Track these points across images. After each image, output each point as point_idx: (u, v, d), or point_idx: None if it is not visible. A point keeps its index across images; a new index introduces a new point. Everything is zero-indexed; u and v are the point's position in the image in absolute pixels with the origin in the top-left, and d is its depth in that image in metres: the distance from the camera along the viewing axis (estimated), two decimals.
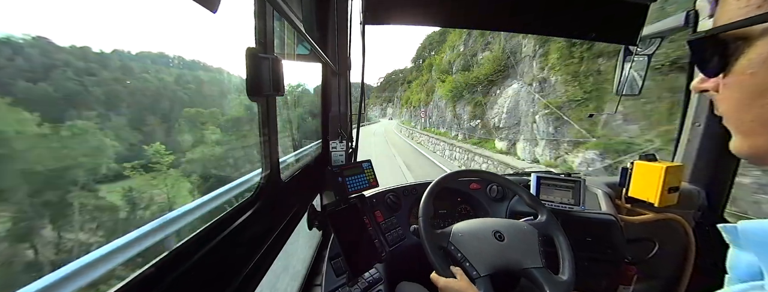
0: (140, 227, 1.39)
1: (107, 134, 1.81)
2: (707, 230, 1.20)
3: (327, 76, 1.25)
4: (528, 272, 0.76)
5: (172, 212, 1.63)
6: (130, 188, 1.92)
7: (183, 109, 3.30)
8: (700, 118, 1.19)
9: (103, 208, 1.67)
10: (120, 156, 1.87)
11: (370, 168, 1.15)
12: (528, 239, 0.83)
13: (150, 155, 2.14)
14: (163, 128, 2.72)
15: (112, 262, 1.20)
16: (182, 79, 3.70)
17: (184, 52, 3.67)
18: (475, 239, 0.80)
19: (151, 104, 2.82)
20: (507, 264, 0.76)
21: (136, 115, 2.28)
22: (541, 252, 0.81)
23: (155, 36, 2.93)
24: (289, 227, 0.79)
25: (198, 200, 1.84)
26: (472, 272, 0.73)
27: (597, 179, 1.34)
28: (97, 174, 1.60)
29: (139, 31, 1.74)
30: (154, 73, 3.17)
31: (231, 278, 0.50)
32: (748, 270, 0.30)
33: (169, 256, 0.40)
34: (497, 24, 1.26)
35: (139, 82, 2.76)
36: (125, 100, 2.14)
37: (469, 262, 0.75)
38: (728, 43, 0.27)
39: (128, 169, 1.91)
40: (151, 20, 1.41)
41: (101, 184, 1.64)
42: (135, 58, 3.05)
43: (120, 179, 1.82)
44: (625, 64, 1.28)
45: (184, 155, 2.63)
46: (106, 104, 1.98)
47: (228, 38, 1.57)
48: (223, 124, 3.43)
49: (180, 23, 1.75)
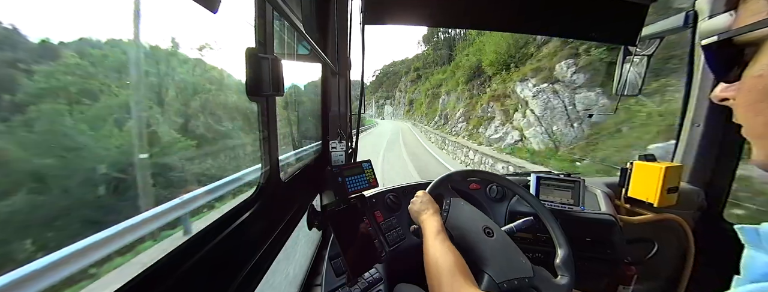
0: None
1: (109, 132, 1.82)
2: (707, 231, 1.20)
3: (327, 76, 1.25)
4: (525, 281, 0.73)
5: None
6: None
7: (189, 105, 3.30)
8: (699, 119, 1.19)
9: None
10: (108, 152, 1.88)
11: (370, 168, 1.15)
12: (509, 250, 0.79)
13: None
14: (161, 129, 2.72)
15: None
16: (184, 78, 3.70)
17: (184, 52, 3.67)
18: (467, 217, 0.86)
19: (153, 103, 2.82)
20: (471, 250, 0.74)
21: (135, 114, 2.28)
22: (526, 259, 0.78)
23: (155, 36, 2.94)
24: (288, 227, 0.79)
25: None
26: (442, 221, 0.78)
27: (597, 179, 1.34)
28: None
29: (138, 31, 1.76)
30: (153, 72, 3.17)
31: (231, 278, 0.50)
32: (765, 271, 0.30)
33: (168, 256, 0.40)
34: (497, 24, 1.26)
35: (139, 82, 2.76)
36: (125, 100, 2.14)
37: (448, 215, 0.83)
38: (742, 48, 0.28)
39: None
40: (151, 20, 1.42)
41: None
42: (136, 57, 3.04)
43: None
44: (625, 64, 1.28)
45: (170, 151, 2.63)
46: (105, 103, 1.98)
47: (228, 38, 1.57)
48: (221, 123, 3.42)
49: (180, 23, 1.75)
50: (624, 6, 1.10)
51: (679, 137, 1.29)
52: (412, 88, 50.68)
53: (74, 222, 1.14)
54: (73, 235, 1.05)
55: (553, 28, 1.22)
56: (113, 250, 1.26)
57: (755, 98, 0.28)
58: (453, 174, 1.00)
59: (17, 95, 0.98)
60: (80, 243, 1.02)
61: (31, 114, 1.01)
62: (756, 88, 0.28)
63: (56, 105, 1.29)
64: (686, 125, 1.25)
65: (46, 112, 1.06)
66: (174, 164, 2.43)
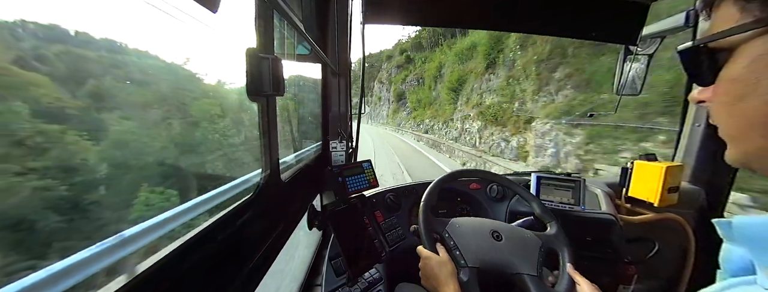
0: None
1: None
2: (707, 230, 1.20)
3: (327, 76, 1.25)
4: (519, 277, 0.73)
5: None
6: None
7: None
8: (700, 119, 1.19)
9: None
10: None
11: (370, 168, 1.15)
12: (528, 247, 0.80)
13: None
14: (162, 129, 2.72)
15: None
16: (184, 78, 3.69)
17: (185, 51, 3.66)
18: (471, 232, 0.80)
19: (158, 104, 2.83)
20: (498, 264, 0.74)
21: (136, 115, 2.29)
22: (540, 263, 0.77)
23: (155, 36, 2.90)
24: (289, 227, 0.79)
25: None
26: (460, 261, 0.73)
27: (597, 178, 1.34)
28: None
29: (138, 31, 1.74)
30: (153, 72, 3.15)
31: (231, 278, 0.50)
32: (741, 264, 0.32)
33: (168, 256, 0.40)
34: (497, 24, 1.26)
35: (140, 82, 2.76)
36: (125, 99, 2.14)
37: (460, 251, 0.75)
38: (716, 53, 0.30)
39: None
40: (150, 20, 1.40)
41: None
42: (134, 57, 3.03)
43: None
44: (625, 64, 1.28)
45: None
46: (106, 103, 1.98)
47: (228, 38, 1.57)
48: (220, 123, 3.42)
49: (180, 23, 1.74)
50: (625, 5, 1.10)
51: (680, 137, 1.29)
52: (401, 76, 34.65)
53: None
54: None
55: (553, 27, 1.22)
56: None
57: (728, 101, 0.30)
58: (453, 174, 1.00)
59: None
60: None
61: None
62: (729, 92, 0.30)
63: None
64: (687, 125, 1.25)
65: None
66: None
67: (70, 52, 0.92)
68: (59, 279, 0.49)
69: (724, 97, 0.31)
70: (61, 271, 0.52)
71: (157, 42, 1.12)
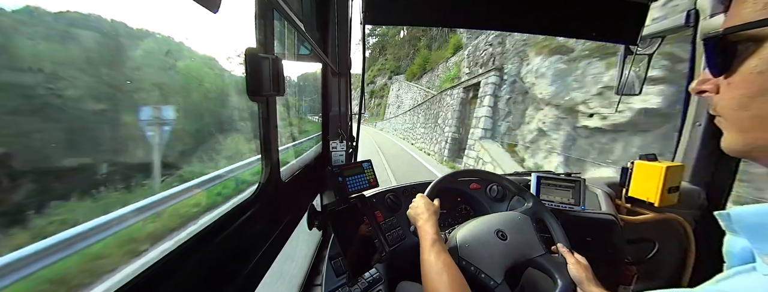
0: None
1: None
2: (707, 230, 1.20)
3: (327, 76, 1.25)
4: (534, 261, 0.79)
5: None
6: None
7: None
8: (700, 118, 1.19)
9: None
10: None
11: (370, 168, 1.15)
12: (525, 229, 0.86)
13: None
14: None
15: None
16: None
17: (185, 51, 3.67)
18: (480, 245, 0.79)
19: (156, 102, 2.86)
20: (515, 260, 0.78)
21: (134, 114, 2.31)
22: (541, 238, 0.84)
23: (154, 36, 2.89)
24: (289, 227, 0.79)
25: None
26: (490, 283, 0.72)
27: (597, 178, 1.34)
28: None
29: (138, 31, 1.74)
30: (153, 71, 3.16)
31: (231, 278, 0.50)
32: (742, 255, 0.32)
33: (168, 256, 0.40)
34: (498, 24, 1.26)
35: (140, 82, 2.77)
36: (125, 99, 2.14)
37: (484, 273, 0.74)
38: (739, 43, 0.29)
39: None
40: (150, 20, 1.40)
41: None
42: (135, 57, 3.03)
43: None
44: (625, 63, 1.28)
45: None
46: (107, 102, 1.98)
47: (228, 38, 1.57)
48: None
49: (180, 23, 1.75)
50: (625, 5, 1.09)
51: (680, 137, 1.29)
52: (373, 70, 26.03)
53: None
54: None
55: (553, 27, 1.22)
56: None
57: (747, 93, 0.29)
58: (453, 174, 1.00)
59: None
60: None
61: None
62: (751, 85, 0.28)
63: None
64: (687, 125, 1.24)
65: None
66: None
67: (69, 53, 0.92)
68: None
69: (741, 88, 0.29)
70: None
71: (157, 42, 1.12)
